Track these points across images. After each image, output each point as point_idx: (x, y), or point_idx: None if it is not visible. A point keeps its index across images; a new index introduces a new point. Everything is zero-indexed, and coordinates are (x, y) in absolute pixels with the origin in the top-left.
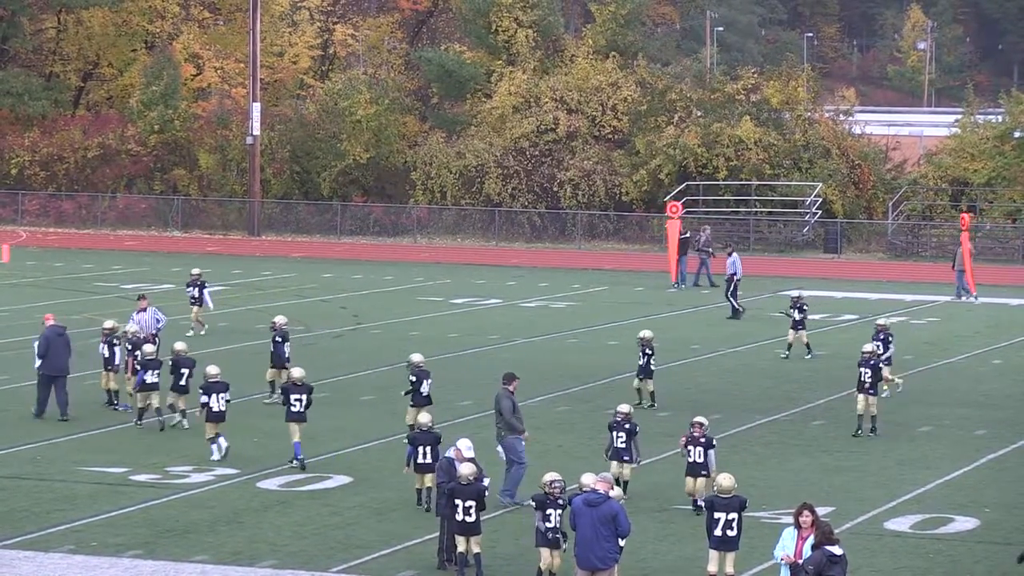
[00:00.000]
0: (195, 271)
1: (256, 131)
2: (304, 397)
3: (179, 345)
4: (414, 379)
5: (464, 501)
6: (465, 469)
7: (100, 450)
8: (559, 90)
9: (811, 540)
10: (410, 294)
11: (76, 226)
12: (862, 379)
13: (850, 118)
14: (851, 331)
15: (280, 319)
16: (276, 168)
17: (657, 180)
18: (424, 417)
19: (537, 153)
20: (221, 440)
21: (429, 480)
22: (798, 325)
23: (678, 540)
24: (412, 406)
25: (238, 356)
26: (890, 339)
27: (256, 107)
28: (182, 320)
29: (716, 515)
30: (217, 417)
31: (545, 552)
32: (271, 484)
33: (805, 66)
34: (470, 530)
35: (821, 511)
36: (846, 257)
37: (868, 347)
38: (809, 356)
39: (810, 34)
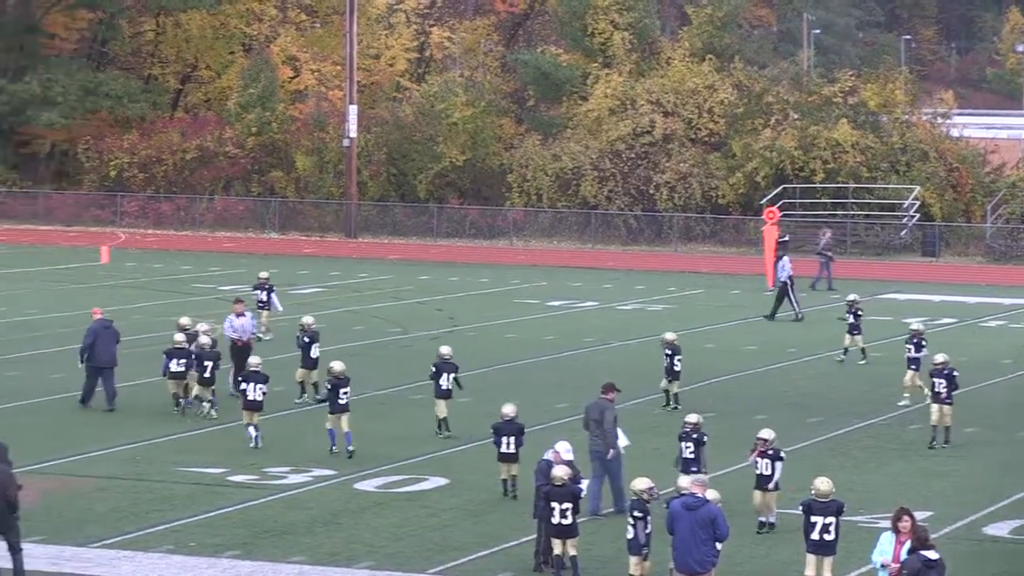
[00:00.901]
0: (263, 274)
1: (353, 133)
2: (349, 389)
3: (203, 339)
4: (434, 370)
5: (560, 503)
6: (559, 471)
7: (198, 451)
8: (655, 92)
9: (909, 545)
10: (506, 296)
11: (174, 228)
12: (936, 389)
13: (948, 121)
14: (949, 335)
15: (308, 319)
16: (373, 170)
17: (753, 183)
18: (508, 408)
19: (633, 156)
20: (251, 430)
21: (514, 469)
22: (854, 329)
23: (775, 544)
24: (437, 398)
25: (337, 357)
26: (923, 344)
27: (353, 109)
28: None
29: (813, 519)
30: (253, 406)
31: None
32: (368, 485)
33: (903, 69)
34: (566, 532)
35: (919, 516)
36: (944, 260)
37: (940, 357)
38: (864, 361)
39: (908, 36)
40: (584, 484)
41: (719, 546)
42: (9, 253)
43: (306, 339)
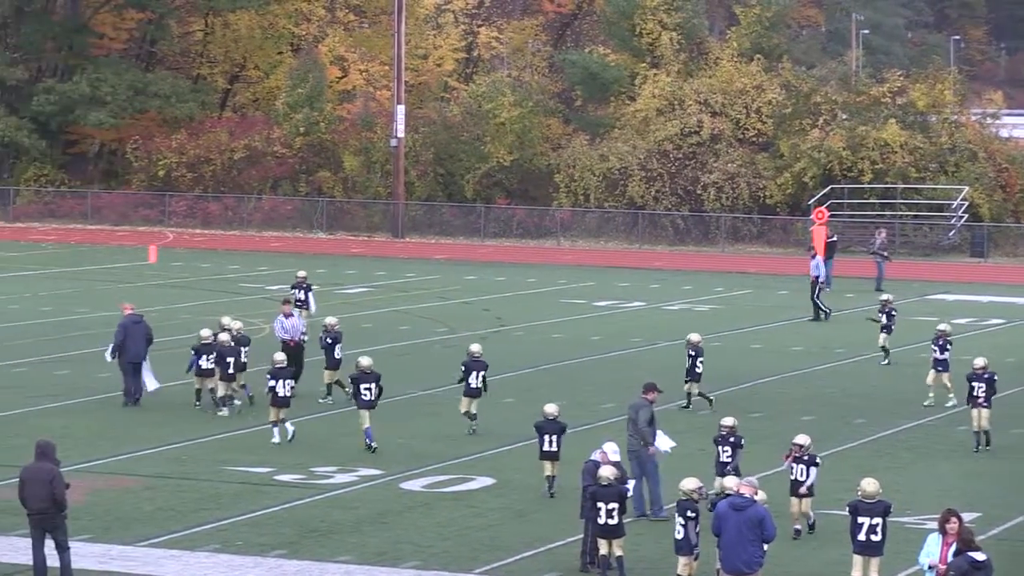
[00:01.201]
0: (300, 273)
1: (400, 133)
2: (373, 386)
3: (223, 336)
4: (464, 369)
5: (607, 504)
6: (606, 471)
7: (244, 450)
8: (703, 93)
9: (955, 547)
10: (553, 296)
11: (222, 227)
12: (975, 393)
13: (997, 121)
14: (998, 336)
15: (331, 320)
16: (420, 170)
17: (801, 183)
18: (551, 407)
19: (681, 156)
20: (288, 425)
21: (556, 467)
22: (885, 329)
23: (821, 545)
24: (464, 396)
25: (383, 357)
26: (948, 346)
27: (400, 109)
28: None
29: (860, 520)
30: (282, 402)
31: (682, 559)
32: (414, 485)
33: (952, 69)
34: (613, 533)
35: (966, 517)
36: (993, 261)
37: (980, 361)
38: (886, 362)
39: (957, 37)
40: (631, 484)
41: (765, 547)
42: (57, 252)
43: (328, 340)
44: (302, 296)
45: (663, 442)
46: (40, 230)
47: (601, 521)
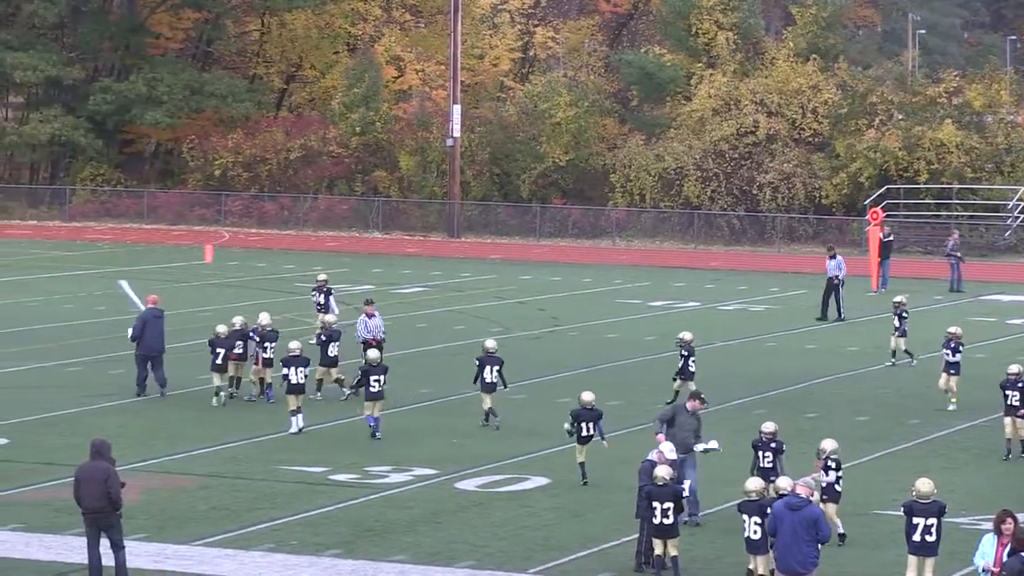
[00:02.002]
0: (321, 276)
1: (456, 133)
2: (383, 377)
3: (220, 328)
4: (478, 364)
5: (662, 503)
6: (661, 471)
7: (299, 449)
8: (759, 93)
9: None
10: (608, 296)
11: (278, 227)
12: (1010, 402)
13: None
14: None
15: (329, 318)
16: (476, 170)
17: (857, 183)
18: (587, 395)
19: (736, 156)
20: (299, 417)
21: (586, 453)
22: (898, 332)
23: (877, 545)
24: (482, 392)
25: (438, 357)
26: (960, 348)
27: (456, 109)
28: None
29: (915, 520)
30: (296, 389)
31: (761, 559)
32: (469, 485)
33: (1008, 69)
34: (667, 533)
35: (1022, 518)
36: None
37: (1014, 368)
38: (897, 363)
39: (1013, 37)
40: (687, 484)
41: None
42: (114, 252)
43: (323, 337)
44: (322, 299)
45: (707, 444)
46: (96, 229)
47: (656, 521)
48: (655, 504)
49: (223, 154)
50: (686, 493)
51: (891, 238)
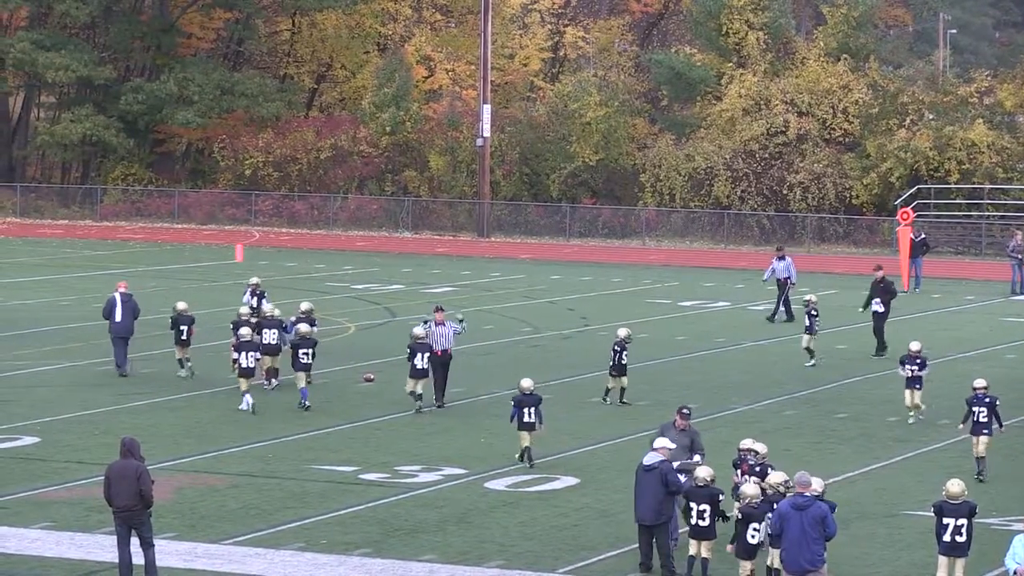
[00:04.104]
0: (253, 280)
1: (486, 133)
2: (311, 350)
3: (180, 304)
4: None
5: (699, 504)
6: (702, 472)
7: (329, 448)
8: (789, 92)
9: None
10: (638, 296)
11: (308, 226)
12: (978, 419)
13: None
14: None
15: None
16: (506, 170)
17: (888, 183)
18: (526, 382)
19: (767, 156)
20: (248, 397)
21: (530, 439)
22: (808, 330)
23: (907, 546)
24: (410, 377)
25: (467, 356)
26: (925, 363)
27: (486, 109)
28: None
29: (945, 521)
30: (247, 373)
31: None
32: (499, 484)
33: None
34: (703, 534)
35: None
36: None
37: (980, 382)
38: (811, 363)
39: None
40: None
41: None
42: (145, 251)
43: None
44: (255, 303)
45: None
46: (127, 229)
47: (692, 521)
48: (692, 504)
49: (253, 154)
50: (723, 496)
51: (923, 236)
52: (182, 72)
